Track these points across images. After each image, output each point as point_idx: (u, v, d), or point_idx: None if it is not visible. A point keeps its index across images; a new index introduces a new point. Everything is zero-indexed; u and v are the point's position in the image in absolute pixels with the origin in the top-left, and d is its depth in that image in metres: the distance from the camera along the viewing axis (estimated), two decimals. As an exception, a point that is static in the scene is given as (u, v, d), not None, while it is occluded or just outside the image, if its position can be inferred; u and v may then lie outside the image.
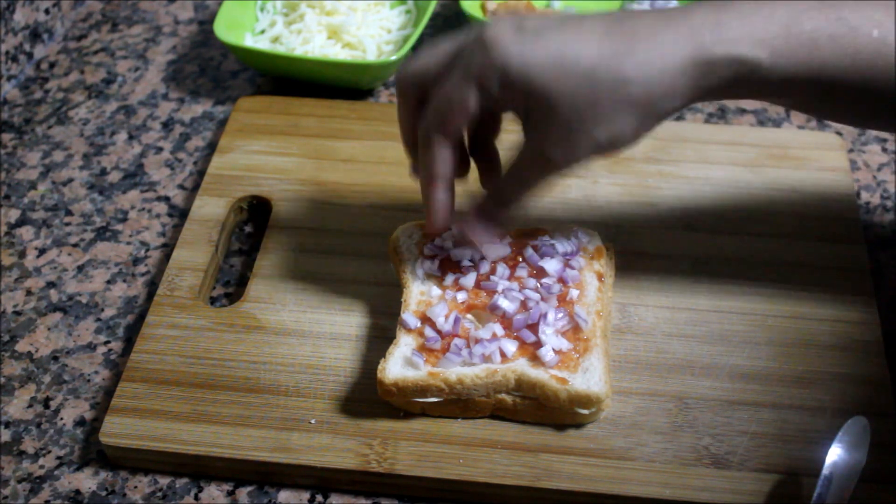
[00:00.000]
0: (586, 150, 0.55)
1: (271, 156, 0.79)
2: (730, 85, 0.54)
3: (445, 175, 0.60)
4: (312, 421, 0.61)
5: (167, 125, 0.86)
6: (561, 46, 0.53)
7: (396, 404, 0.61)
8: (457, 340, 0.61)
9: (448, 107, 0.57)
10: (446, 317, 0.62)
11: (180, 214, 0.78)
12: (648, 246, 0.71)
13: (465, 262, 0.65)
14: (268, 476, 0.61)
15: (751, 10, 0.53)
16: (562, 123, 0.54)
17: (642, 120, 0.54)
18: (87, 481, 0.62)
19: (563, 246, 0.65)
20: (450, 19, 0.96)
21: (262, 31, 0.89)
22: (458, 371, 0.59)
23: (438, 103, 0.57)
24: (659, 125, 0.56)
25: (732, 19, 0.53)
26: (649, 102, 0.53)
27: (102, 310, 0.71)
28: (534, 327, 0.61)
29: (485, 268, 0.65)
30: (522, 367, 0.60)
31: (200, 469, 0.61)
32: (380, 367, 0.60)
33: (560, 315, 0.62)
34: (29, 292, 0.72)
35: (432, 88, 0.58)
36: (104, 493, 0.61)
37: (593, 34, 0.54)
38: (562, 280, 0.64)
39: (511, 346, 0.60)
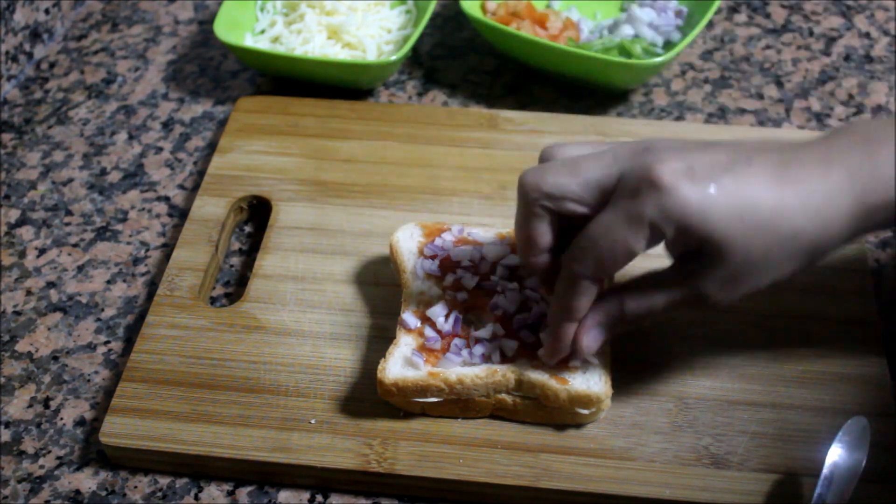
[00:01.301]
0: (746, 293, 0.55)
1: (271, 156, 0.79)
2: (886, 224, 0.55)
3: (581, 316, 0.57)
4: (312, 421, 0.61)
5: (167, 125, 0.86)
6: (738, 194, 0.52)
7: (396, 404, 0.61)
8: (457, 340, 0.61)
9: (611, 253, 0.54)
10: (446, 317, 0.62)
11: (180, 214, 0.78)
12: (648, 246, 0.71)
13: (465, 262, 0.65)
14: (268, 476, 0.61)
15: None
16: (730, 269, 0.53)
17: (803, 266, 0.55)
18: (87, 481, 0.62)
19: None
20: (450, 19, 0.96)
21: (262, 31, 0.89)
22: (458, 371, 0.59)
23: (599, 247, 0.54)
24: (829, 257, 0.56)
25: (883, 157, 0.53)
26: (816, 250, 0.54)
27: (102, 310, 0.71)
28: (534, 327, 0.61)
29: (485, 268, 0.65)
30: (522, 367, 0.60)
31: (200, 469, 0.61)
32: (380, 367, 0.60)
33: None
34: (29, 292, 0.72)
35: (578, 212, 0.55)
36: (104, 493, 0.61)
37: (765, 178, 0.53)
38: (562, 280, 0.64)
39: (511, 346, 0.60)
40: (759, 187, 0.53)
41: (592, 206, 0.55)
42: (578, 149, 0.58)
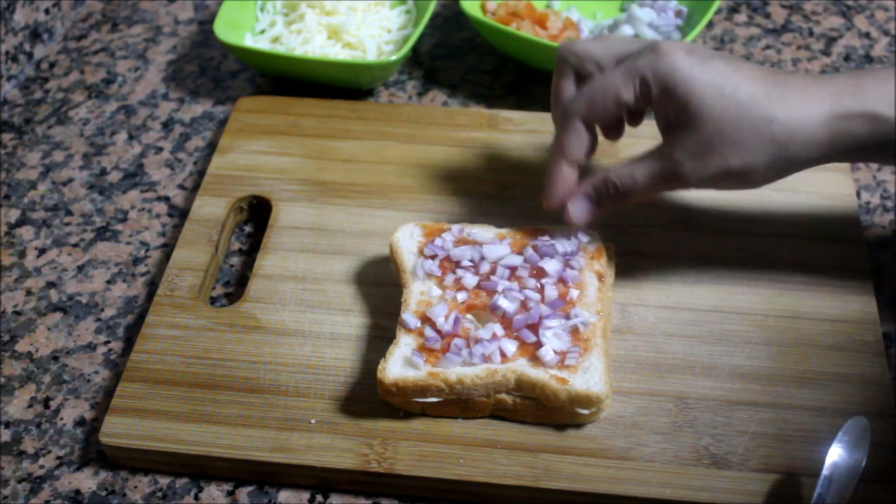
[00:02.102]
0: (714, 171, 0.60)
1: (271, 156, 0.79)
2: (865, 145, 0.59)
3: (573, 157, 0.64)
4: (312, 421, 0.61)
5: (167, 125, 0.86)
6: (725, 74, 0.59)
7: (396, 404, 0.61)
8: (457, 340, 0.61)
9: (602, 95, 0.62)
10: (446, 317, 0.62)
11: (180, 214, 0.78)
12: (648, 246, 0.71)
13: (465, 262, 0.65)
14: (268, 476, 0.61)
15: (886, 76, 0.59)
16: (703, 139, 0.59)
17: (774, 160, 0.60)
18: (87, 481, 0.62)
19: (563, 246, 0.65)
20: (450, 19, 0.96)
21: (262, 31, 0.89)
22: (458, 371, 0.59)
23: (594, 89, 0.62)
24: (785, 176, 0.61)
25: (869, 84, 0.59)
26: (787, 143, 0.59)
27: (102, 310, 0.71)
28: (534, 327, 0.61)
29: (485, 268, 0.65)
30: (522, 367, 0.60)
31: (200, 469, 0.61)
32: (380, 367, 0.60)
33: (560, 315, 0.62)
34: (29, 292, 0.72)
35: (593, 72, 0.63)
36: (104, 493, 0.61)
37: (752, 74, 0.60)
38: (562, 280, 0.64)
39: (511, 346, 0.60)
40: (744, 77, 0.59)
41: (610, 66, 0.63)
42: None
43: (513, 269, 0.64)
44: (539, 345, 0.60)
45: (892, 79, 0.59)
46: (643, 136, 0.70)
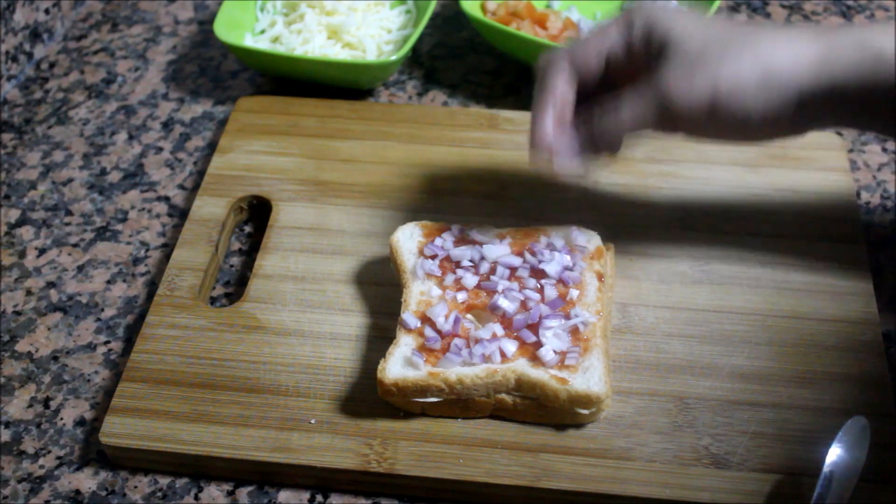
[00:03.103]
0: (704, 88, 0.57)
1: (271, 156, 0.79)
2: (860, 83, 0.56)
3: (557, 96, 0.62)
4: (312, 421, 0.61)
5: (167, 125, 0.86)
6: (702, 18, 0.60)
7: (396, 404, 0.61)
8: (457, 340, 0.61)
9: (588, 37, 0.62)
10: (446, 317, 0.62)
11: (180, 214, 0.78)
12: (648, 246, 0.71)
13: (465, 262, 0.65)
14: (268, 476, 0.61)
15: (886, 23, 0.58)
16: (688, 58, 0.58)
17: (764, 79, 0.57)
18: (87, 481, 0.62)
19: (562, 246, 0.65)
20: (450, 19, 0.96)
21: (262, 31, 0.89)
22: (458, 371, 0.59)
23: (582, 36, 0.63)
24: (778, 109, 0.58)
25: (865, 25, 0.62)
26: (773, 62, 0.57)
27: (102, 310, 0.71)
28: (534, 327, 0.61)
29: (485, 268, 0.65)
30: (522, 367, 0.60)
31: (200, 469, 0.61)
32: (380, 367, 0.60)
33: (560, 315, 0.62)
34: (29, 292, 0.72)
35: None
36: (104, 493, 0.61)
37: (736, 25, 0.62)
38: (562, 280, 0.64)
39: (511, 346, 0.60)
40: (726, 23, 0.60)
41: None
42: None
43: (513, 269, 0.64)
44: (539, 345, 0.60)
45: (892, 23, 0.58)
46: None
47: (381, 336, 0.65)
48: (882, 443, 0.59)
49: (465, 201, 0.75)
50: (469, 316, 0.63)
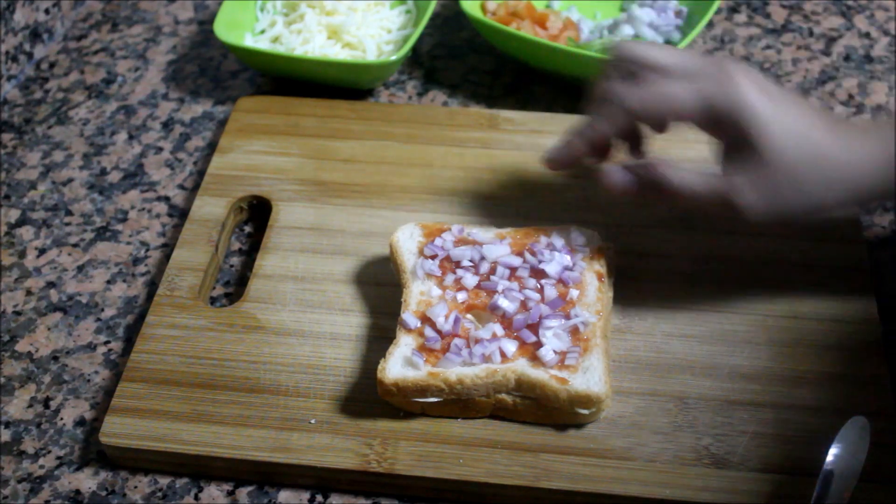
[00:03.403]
0: (782, 211, 0.59)
1: (271, 156, 0.79)
2: None
3: (600, 129, 0.62)
4: (312, 421, 0.61)
5: (167, 125, 0.86)
6: (796, 115, 0.58)
7: (396, 404, 0.61)
8: (457, 340, 0.61)
9: (662, 99, 0.60)
10: (446, 317, 0.62)
11: (180, 214, 0.78)
12: (648, 246, 0.71)
13: (465, 262, 0.65)
14: (268, 476, 0.61)
15: None
16: (772, 178, 0.58)
17: (845, 200, 0.59)
18: (87, 481, 0.62)
19: (562, 246, 0.65)
20: (450, 19, 0.96)
21: (262, 31, 0.89)
22: (458, 371, 0.59)
23: (650, 90, 0.60)
24: (852, 212, 0.62)
25: None
26: (858, 184, 0.58)
27: (102, 310, 0.71)
28: (534, 327, 0.61)
29: (485, 268, 0.65)
30: (522, 367, 0.60)
31: (200, 469, 0.61)
32: (380, 367, 0.60)
33: (560, 315, 0.62)
34: (29, 292, 0.72)
35: (650, 77, 0.60)
36: (104, 493, 0.61)
37: (822, 121, 0.59)
38: (562, 280, 0.64)
39: (511, 346, 0.60)
40: (815, 120, 0.59)
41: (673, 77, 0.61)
42: None
43: (513, 269, 0.64)
44: (539, 345, 0.60)
45: None
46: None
47: (381, 336, 0.65)
48: (882, 443, 0.59)
49: (465, 201, 0.75)
50: (469, 316, 0.63)
